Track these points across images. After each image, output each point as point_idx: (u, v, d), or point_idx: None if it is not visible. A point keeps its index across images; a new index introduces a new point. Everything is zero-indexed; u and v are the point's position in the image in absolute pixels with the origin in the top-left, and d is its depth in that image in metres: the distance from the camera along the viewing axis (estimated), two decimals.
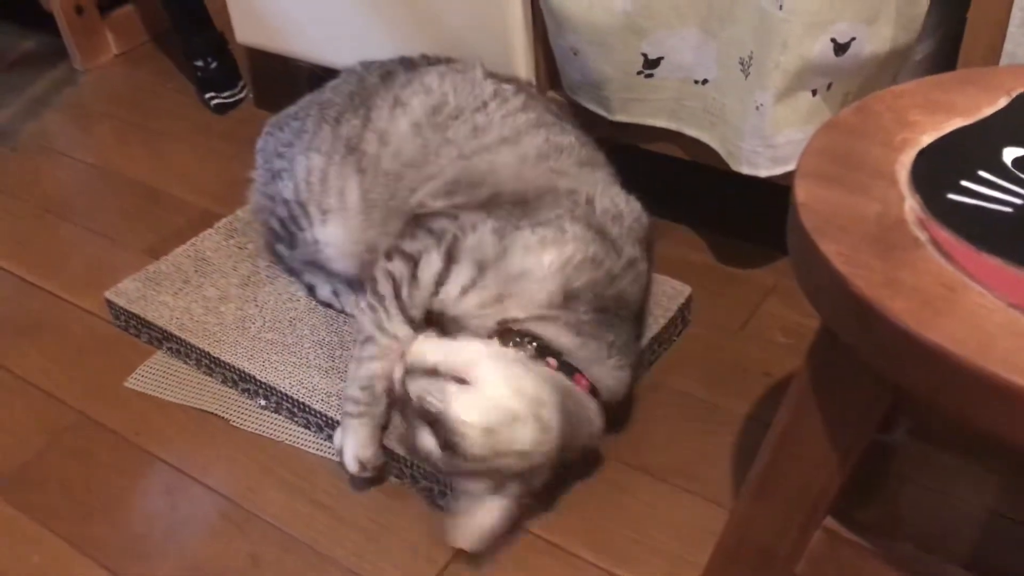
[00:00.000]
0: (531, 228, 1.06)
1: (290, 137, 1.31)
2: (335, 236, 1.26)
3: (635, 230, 1.13)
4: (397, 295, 1.09)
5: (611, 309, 1.07)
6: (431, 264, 1.08)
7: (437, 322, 1.10)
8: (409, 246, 1.10)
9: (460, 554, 1.06)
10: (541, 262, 1.04)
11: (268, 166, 1.34)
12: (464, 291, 1.06)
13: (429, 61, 1.35)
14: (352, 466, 1.10)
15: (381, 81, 1.30)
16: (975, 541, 1.03)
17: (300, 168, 1.27)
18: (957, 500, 1.07)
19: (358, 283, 1.29)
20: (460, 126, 1.20)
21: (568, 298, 1.05)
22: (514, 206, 1.10)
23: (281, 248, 1.36)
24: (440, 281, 1.08)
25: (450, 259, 1.07)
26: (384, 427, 1.13)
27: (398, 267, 1.10)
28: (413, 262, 1.09)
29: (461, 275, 1.07)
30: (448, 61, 1.34)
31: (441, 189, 1.16)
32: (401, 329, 1.09)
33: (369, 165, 1.22)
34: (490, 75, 1.29)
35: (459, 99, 1.23)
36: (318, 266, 1.32)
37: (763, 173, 1.25)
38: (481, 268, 1.06)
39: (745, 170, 1.26)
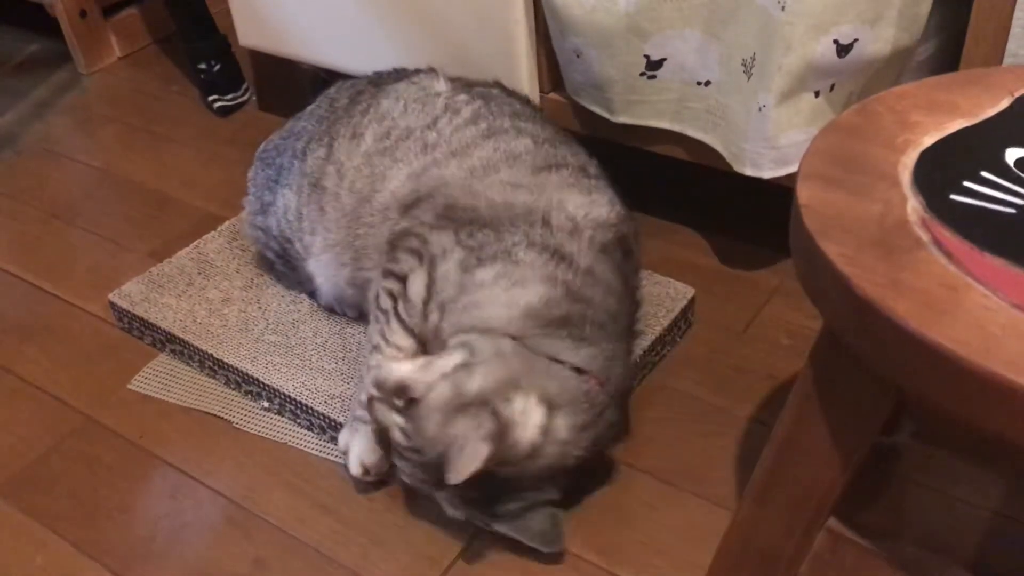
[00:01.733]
0: (487, 264, 1.06)
1: (275, 174, 1.32)
2: (315, 269, 1.28)
3: (596, 239, 1.10)
4: (395, 310, 1.11)
5: (576, 320, 1.05)
6: (417, 285, 1.10)
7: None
8: (396, 267, 1.12)
9: (463, 556, 1.06)
10: (495, 296, 1.04)
11: (259, 196, 1.35)
12: (437, 325, 1.08)
13: (398, 76, 1.34)
14: (355, 470, 1.11)
15: (349, 104, 1.30)
16: (980, 543, 1.03)
17: (279, 205, 1.29)
18: (962, 502, 1.07)
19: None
20: (411, 145, 1.20)
21: (527, 317, 1.03)
22: (476, 228, 1.09)
23: (279, 267, 1.37)
24: (426, 302, 1.09)
25: (430, 285, 1.09)
26: None
27: (393, 285, 1.12)
28: (402, 282, 1.11)
29: (433, 308, 1.08)
30: (416, 72, 1.34)
31: (399, 210, 1.16)
32: (403, 340, 1.11)
33: (329, 202, 1.23)
34: (452, 83, 1.29)
35: (409, 120, 1.22)
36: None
37: (766, 175, 1.25)
38: (441, 307, 1.07)
39: (748, 172, 1.26)
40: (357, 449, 1.10)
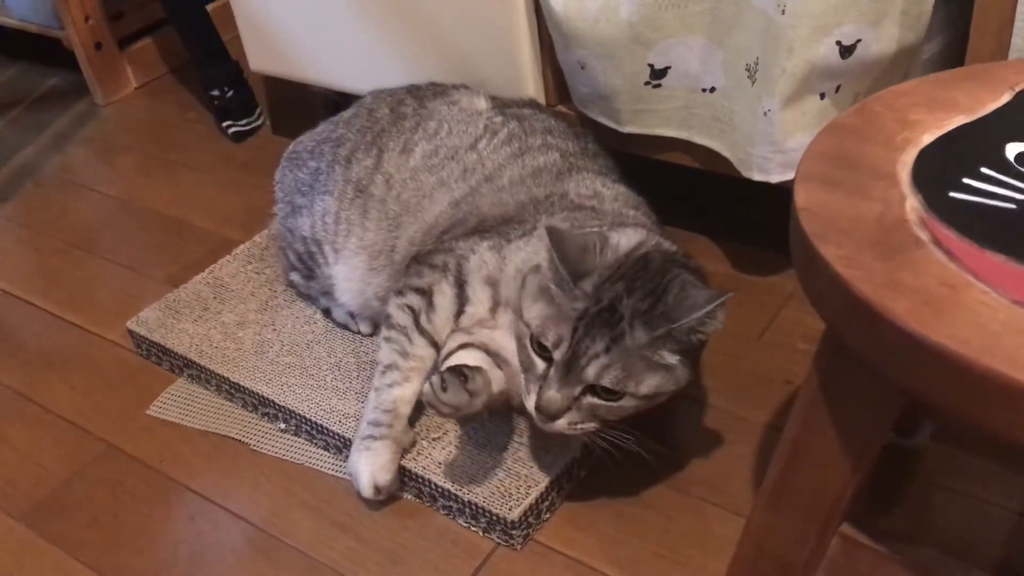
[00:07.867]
0: (518, 238, 1.12)
1: (309, 178, 1.34)
2: (342, 274, 1.30)
3: (620, 201, 1.18)
4: (417, 323, 1.13)
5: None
6: (444, 293, 1.12)
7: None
8: (418, 281, 1.14)
9: (480, 572, 1.06)
10: (530, 250, 1.10)
11: (288, 200, 1.37)
12: (494, 310, 1.11)
13: (436, 89, 1.36)
14: (368, 492, 1.11)
15: (392, 115, 1.33)
16: (1003, 545, 1.01)
17: (317, 208, 1.31)
18: (985, 503, 1.05)
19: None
20: (454, 166, 1.24)
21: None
22: (502, 226, 1.14)
23: (295, 277, 1.38)
24: (460, 303, 1.12)
25: (460, 284, 1.12)
26: (405, 452, 1.13)
27: (413, 300, 1.14)
28: (427, 294, 1.13)
29: (479, 295, 1.11)
30: (455, 88, 1.35)
31: (435, 238, 1.20)
32: (425, 351, 1.13)
33: (374, 206, 1.26)
34: (492, 101, 1.33)
35: (454, 140, 1.27)
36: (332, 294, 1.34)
37: (775, 179, 1.24)
38: (492, 284, 1.11)
39: (756, 176, 1.26)
40: (369, 469, 1.10)
